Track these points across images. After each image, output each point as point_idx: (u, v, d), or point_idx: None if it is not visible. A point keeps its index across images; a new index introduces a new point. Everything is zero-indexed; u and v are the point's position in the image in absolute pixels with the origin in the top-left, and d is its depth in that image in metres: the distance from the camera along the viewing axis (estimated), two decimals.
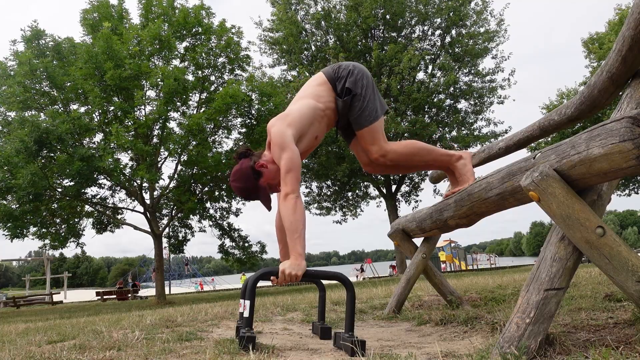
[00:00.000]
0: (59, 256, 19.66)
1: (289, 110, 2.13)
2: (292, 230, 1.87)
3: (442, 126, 17.24)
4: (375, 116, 2.17)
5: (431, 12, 16.85)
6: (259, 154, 2.14)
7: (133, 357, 1.79)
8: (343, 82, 2.15)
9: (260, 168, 2.07)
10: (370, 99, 2.16)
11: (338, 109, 2.19)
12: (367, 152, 2.24)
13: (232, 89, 12.17)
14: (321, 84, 2.19)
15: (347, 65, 2.19)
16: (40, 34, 12.98)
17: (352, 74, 2.15)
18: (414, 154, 2.26)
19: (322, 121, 2.17)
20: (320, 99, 2.16)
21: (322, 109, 2.15)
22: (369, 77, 2.20)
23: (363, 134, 2.18)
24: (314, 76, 2.26)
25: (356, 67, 2.18)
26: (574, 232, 1.33)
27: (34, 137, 10.95)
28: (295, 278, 1.87)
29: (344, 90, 2.14)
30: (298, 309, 3.55)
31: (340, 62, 2.25)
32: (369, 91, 2.16)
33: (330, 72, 2.20)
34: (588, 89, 1.79)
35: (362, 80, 2.15)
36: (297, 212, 1.88)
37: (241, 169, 2.08)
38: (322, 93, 2.17)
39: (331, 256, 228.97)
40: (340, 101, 2.15)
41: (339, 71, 2.18)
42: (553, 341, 1.46)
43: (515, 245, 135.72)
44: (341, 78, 2.16)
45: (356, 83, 2.14)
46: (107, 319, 4.25)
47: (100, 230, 14.47)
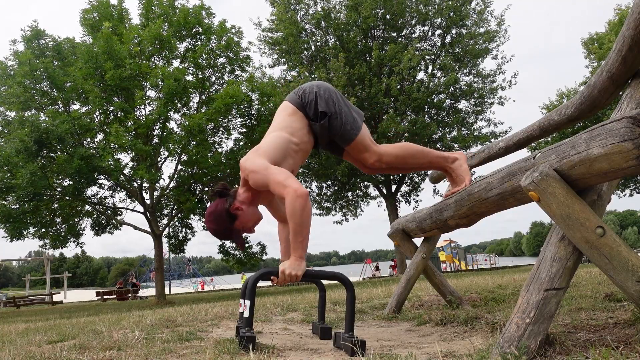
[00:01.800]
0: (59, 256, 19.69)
1: (261, 144, 2.09)
2: (297, 233, 1.85)
3: (442, 126, 17.25)
4: (357, 127, 2.14)
5: (431, 12, 16.85)
6: (234, 193, 2.08)
7: (133, 357, 1.79)
8: (314, 107, 2.10)
9: (235, 211, 2.01)
10: (345, 113, 2.12)
11: (316, 133, 2.14)
12: (362, 160, 2.23)
13: (232, 89, 12.18)
14: (292, 114, 2.12)
15: (311, 88, 2.13)
16: (40, 34, 12.99)
17: (319, 96, 2.10)
18: (408, 157, 2.25)
19: (297, 155, 2.10)
20: (294, 132, 2.09)
21: (296, 143, 2.09)
22: (335, 92, 2.16)
23: (352, 147, 2.17)
24: (283, 106, 2.18)
25: (321, 87, 2.13)
26: (574, 232, 1.33)
27: (34, 137, 10.96)
28: (295, 278, 1.87)
29: (319, 114, 2.09)
30: (298, 309, 3.55)
31: (303, 86, 2.17)
32: (342, 106, 2.12)
33: (297, 99, 2.14)
34: (588, 89, 1.79)
35: (331, 98, 2.11)
36: (305, 214, 1.83)
37: (216, 210, 2.03)
38: (294, 124, 2.11)
39: (331, 256, 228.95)
40: (318, 125, 2.10)
41: (305, 96, 2.12)
42: (553, 341, 1.46)
43: (515, 245, 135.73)
44: (310, 103, 2.11)
45: (327, 103, 2.09)
46: (107, 319, 4.25)
47: (99, 232, 14.46)
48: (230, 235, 2.08)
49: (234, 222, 2.03)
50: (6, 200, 12.11)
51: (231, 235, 2.07)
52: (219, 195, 2.07)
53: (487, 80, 17.51)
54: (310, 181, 18.28)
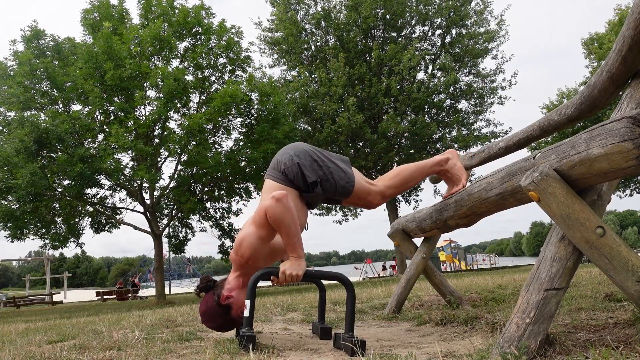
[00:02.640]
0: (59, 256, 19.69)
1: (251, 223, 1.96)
2: (289, 235, 1.83)
3: (442, 126, 17.25)
4: (350, 179, 2.08)
5: (431, 12, 16.85)
6: (220, 283, 1.99)
7: (133, 357, 1.79)
8: (302, 179, 1.99)
9: (226, 301, 1.92)
10: (333, 169, 2.04)
11: (310, 201, 2.08)
12: (366, 204, 2.21)
13: (231, 89, 12.18)
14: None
15: (290, 160, 2.00)
16: (40, 34, 12.99)
17: (303, 166, 1.99)
18: (407, 180, 2.24)
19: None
20: None
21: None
22: (313, 152, 2.05)
23: (352, 198, 2.13)
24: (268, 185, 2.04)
25: (300, 156, 2.01)
26: (574, 232, 1.33)
27: (34, 137, 10.96)
28: (295, 278, 1.87)
29: (309, 185, 2.00)
30: (298, 309, 3.55)
31: (279, 158, 2.04)
32: (328, 164, 2.04)
33: (281, 176, 2.02)
34: (588, 89, 1.79)
35: (315, 162, 2.02)
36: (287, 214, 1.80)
37: (207, 309, 1.94)
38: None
39: (331, 256, 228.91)
40: (313, 195, 2.02)
41: (288, 171, 1.99)
42: (553, 341, 1.46)
43: (515, 245, 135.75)
44: (296, 176, 1.99)
45: (313, 170, 2.00)
46: (107, 319, 4.25)
47: (98, 230, 14.46)
48: (232, 324, 1.98)
49: (229, 312, 1.93)
50: (6, 200, 12.12)
51: (233, 324, 1.98)
52: (204, 290, 1.99)
53: (487, 80, 17.51)
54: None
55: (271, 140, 12.78)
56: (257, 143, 13.04)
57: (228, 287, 1.96)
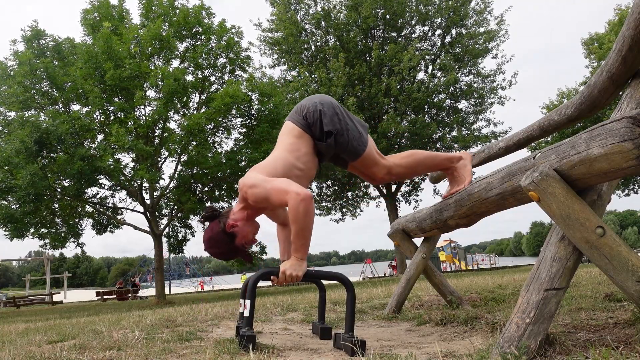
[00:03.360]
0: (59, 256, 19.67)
1: (264, 162, 2.03)
2: (300, 236, 1.82)
3: (442, 126, 17.25)
4: (364, 142, 2.10)
5: (431, 12, 16.86)
6: (226, 213, 2.03)
7: (133, 357, 1.79)
8: (319, 126, 2.03)
9: (231, 229, 1.98)
10: (351, 128, 2.07)
11: (322, 151, 2.10)
12: (371, 175, 2.20)
13: (232, 89, 12.17)
14: (298, 136, 2.05)
15: (314, 106, 2.05)
16: (40, 34, 12.98)
17: (324, 114, 2.02)
18: (417, 165, 2.23)
19: (299, 181, 1.99)
20: (300, 157, 2.03)
21: (300, 169, 2.02)
22: (338, 106, 2.10)
23: (360, 162, 2.14)
24: (287, 127, 2.10)
25: (324, 104, 2.05)
26: (574, 232, 1.33)
27: (34, 137, 10.95)
28: (295, 278, 1.87)
29: (324, 134, 2.03)
30: (298, 309, 3.55)
31: (304, 103, 2.09)
32: (347, 121, 2.07)
33: (301, 119, 2.06)
34: (588, 88, 1.79)
35: (336, 115, 2.05)
36: (308, 217, 1.80)
37: (212, 234, 2.00)
38: (301, 149, 2.04)
39: (331, 256, 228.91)
40: (324, 145, 2.05)
41: (310, 116, 2.04)
42: (553, 341, 1.46)
43: (515, 245, 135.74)
44: (315, 122, 2.03)
45: (332, 121, 2.03)
46: (107, 319, 4.25)
47: (100, 231, 14.47)
48: (235, 254, 2.05)
49: (233, 240, 2.00)
50: (6, 201, 12.11)
51: (236, 253, 2.04)
52: (209, 219, 2.04)
53: (487, 80, 17.51)
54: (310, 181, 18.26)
55: (271, 140, 12.78)
56: (257, 143, 13.04)
57: (233, 217, 2.01)
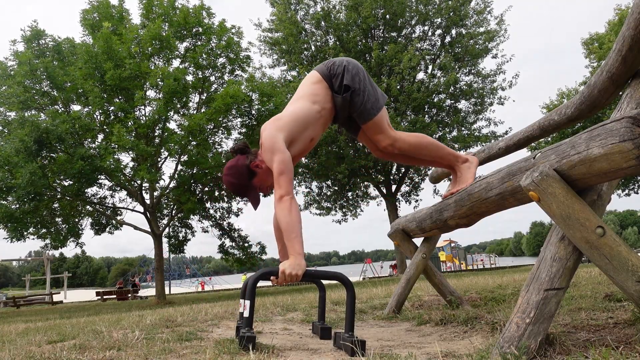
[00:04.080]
0: (59, 256, 19.67)
1: (283, 114, 2.13)
2: (290, 231, 1.88)
3: (442, 126, 17.25)
4: (378, 107, 2.16)
5: (431, 12, 16.86)
6: (255, 152, 2.14)
7: (133, 357, 1.79)
8: (340, 79, 2.13)
9: (255, 168, 2.07)
10: (369, 91, 2.15)
11: (337, 106, 2.18)
12: (375, 142, 2.25)
13: (232, 89, 12.18)
14: (316, 82, 2.17)
15: (340, 62, 2.17)
16: (40, 34, 12.99)
17: (347, 70, 2.13)
18: (422, 147, 2.26)
19: (318, 123, 2.14)
20: (316, 98, 2.13)
21: (317, 110, 2.13)
22: (363, 70, 2.19)
23: (369, 126, 2.19)
24: (309, 75, 2.23)
25: (350, 63, 2.16)
26: (574, 232, 1.33)
27: (34, 137, 10.95)
28: (295, 278, 1.86)
29: (342, 87, 2.13)
30: (298, 309, 3.55)
31: (333, 59, 2.22)
32: (366, 84, 2.15)
33: (325, 69, 2.17)
34: (588, 88, 1.79)
35: (358, 75, 2.14)
36: (293, 213, 1.89)
37: (237, 165, 2.09)
38: (317, 91, 2.15)
39: (331, 256, 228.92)
40: (340, 98, 2.14)
41: (334, 68, 2.15)
42: (553, 341, 1.46)
43: (515, 245, 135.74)
44: (337, 75, 2.14)
45: (353, 79, 2.12)
46: (107, 319, 4.25)
47: (99, 231, 14.47)
48: (246, 191, 2.11)
49: (252, 178, 2.08)
50: (6, 201, 12.11)
51: (248, 191, 2.11)
52: (240, 152, 2.12)
53: (487, 80, 17.52)
54: (310, 181, 18.28)
55: None
56: (257, 144, 13.02)
57: (260, 159, 2.08)
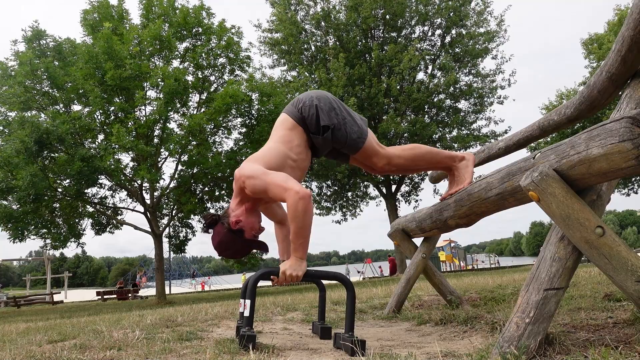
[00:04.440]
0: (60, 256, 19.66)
1: (258, 153, 2.03)
2: (299, 235, 1.83)
3: (442, 126, 17.26)
4: (363, 135, 2.09)
5: (431, 12, 16.86)
6: (225, 213, 2.03)
7: (133, 357, 1.80)
8: (316, 121, 2.03)
9: (236, 226, 1.97)
10: (349, 122, 2.06)
11: (317, 145, 2.10)
12: (371, 165, 2.20)
13: (232, 89, 12.18)
14: (291, 128, 2.06)
15: (310, 101, 2.05)
16: (41, 34, 12.99)
17: (320, 109, 2.03)
18: (418, 158, 2.21)
19: (293, 172, 2.02)
20: (293, 147, 2.04)
21: (293, 159, 2.03)
22: (335, 100, 2.10)
23: (360, 155, 2.14)
24: (281, 119, 2.11)
25: (320, 99, 2.06)
26: (574, 232, 1.33)
27: (35, 137, 10.95)
28: (295, 278, 1.87)
29: (321, 128, 2.03)
30: (298, 308, 3.55)
31: (300, 97, 2.10)
32: (344, 116, 2.07)
33: (296, 112, 2.07)
34: (587, 89, 1.80)
35: (333, 110, 2.05)
36: (307, 217, 1.80)
37: (220, 237, 1.98)
38: (293, 139, 2.04)
39: (331, 256, 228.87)
40: (320, 139, 2.05)
41: (305, 109, 2.05)
42: (553, 341, 1.47)
43: (515, 245, 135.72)
44: (311, 117, 2.04)
45: (329, 116, 2.03)
46: (108, 318, 4.25)
47: (99, 232, 14.47)
48: (249, 248, 2.03)
49: (242, 235, 1.98)
50: (7, 201, 12.11)
51: (250, 247, 2.03)
52: (212, 224, 2.02)
53: (486, 80, 17.52)
54: (310, 181, 18.28)
55: None
56: (257, 143, 13.04)
57: (234, 214, 1.99)
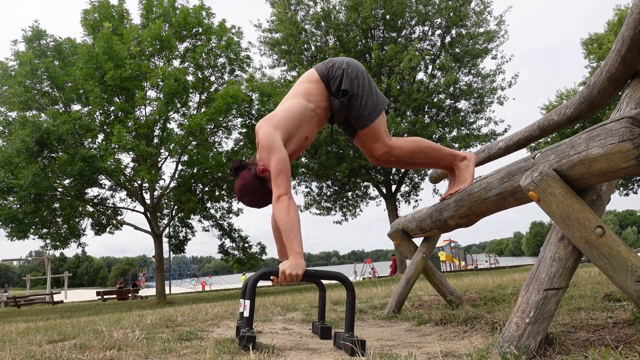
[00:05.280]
0: (60, 256, 19.63)
1: (277, 111, 2.09)
2: (288, 231, 1.87)
3: (442, 126, 17.26)
4: (375, 114, 2.10)
5: (431, 12, 16.86)
6: (253, 161, 2.10)
7: (133, 357, 1.80)
8: (338, 83, 2.07)
9: (262, 174, 2.04)
10: (368, 96, 2.09)
11: (333, 108, 2.13)
12: (371, 150, 2.21)
13: (232, 89, 12.18)
14: (313, 81, 2.11)
15: (340, 64, 2.10)
16: (41, 34, 12.99)
17: (346, 73, 2.07)
18: (419, 152, 2.21)
19: (312, 121, 2.09)
20: (311, 97, 2.09)
21: (312, 109, 2.08)
22: (364, 73, 2.12)
23: (365, 133, 2.14)
24: (307, 73, 2.17)
25: (350, 65, 2.09)
26: (574, 232, 1.33)
27: (35, 137, 10.95)
28: (295, 278, 1.87)
29: (340, 91, 2.07)
30: (298, 308, 3.55)
31: (334, 59, 2.15)
32: (365, 89, 2.09)
33: (324, 69, 2.12)
34: (587, 89, 1.79)
35: (357, 79, 2.08)
36: (291, 213, 1.88)
37: (245, 181, 2.04)
38: (313, 91, 2.10)
39: (331, 256, 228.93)
40: (337, 102, 2.09)
41: (333, 70, 2.09)
42: (553, 341, 1.47)
43: (515, 245, 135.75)
44: (335, 78, 2.08)
45: (352, 83, 2.06)
46: (108, 318, 4.25)
47: (99, 232, 14.47)
48: (268, 198, 2.07)
49: (265, 184, 2.05)
50: (7, 201, 12.11)
51: (268, 197, 2.07)
52: (239, 169, 2.09)
53: (486, 80, 17.52)
54: (310, 181, 18.28)
55: None
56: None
57: (261, 164, 2.05)
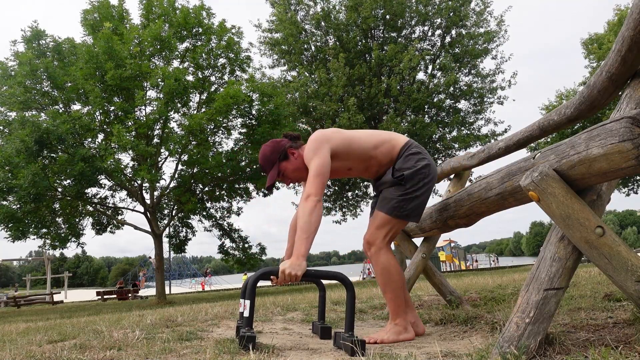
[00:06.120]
0: (60, 256, 19.61)
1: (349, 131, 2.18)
2: (304, 231, 1.89)
3: (442, 126, 17.26)
4: (398, 214, 2.08)
5: (431, 12, 16.86)
6: (300, 144, 2.21)
7: (133, 357, 1.80)
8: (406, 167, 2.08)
9: (290, 153, 2.17)
10: (412, 199, 2.07)
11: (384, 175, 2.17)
12: (368, 230, 2.20)
13: (232, 90, 12.18)
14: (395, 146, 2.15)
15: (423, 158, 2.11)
16: (40, 34, 12.99)
17: (419, 172, 2.07)
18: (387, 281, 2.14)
19: (362, 163, 2.16)
20: (379, 151, 2.14)
21: (370, 157, 2.14)
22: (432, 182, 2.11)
23: (377, 214, 2.15)
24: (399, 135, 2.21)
25: (431, 169, 2.10)
26: (574, 232, 1.33)
27: (35, 137, 10.95)
28: (295, 278, 1.87)
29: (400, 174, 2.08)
30: (298, 308, 3.55)
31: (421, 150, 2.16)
32: (418, 193, 2.07)
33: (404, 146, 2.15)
34: (587, 89, 1.79)
35: (422, 181, 2.07)
36: (314, 216, 1.91)
37: (277, 141, 2.21)
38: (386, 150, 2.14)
39: (331, 256, 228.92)
40: (390, 175, 2.12)
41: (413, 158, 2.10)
42: (553, 341, 1.47)
43: (515, 245, 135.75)
44: (408, 161, 2.09)
45: (413, 179, 2.06)
46: (108, 318, 4.25)
47: (100, 231, 14.48)
48: (270, 167, 2.18)
49: (282, 160, 2.17)
50: (7, 201, 12.11)
51: (271, 167, 2.18)
52: (289, 137, 2.23)
53: (486, 80, 17.52)
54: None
55: None
56: (258, 144, 13.04)
57: (300, 151, 2.18)
